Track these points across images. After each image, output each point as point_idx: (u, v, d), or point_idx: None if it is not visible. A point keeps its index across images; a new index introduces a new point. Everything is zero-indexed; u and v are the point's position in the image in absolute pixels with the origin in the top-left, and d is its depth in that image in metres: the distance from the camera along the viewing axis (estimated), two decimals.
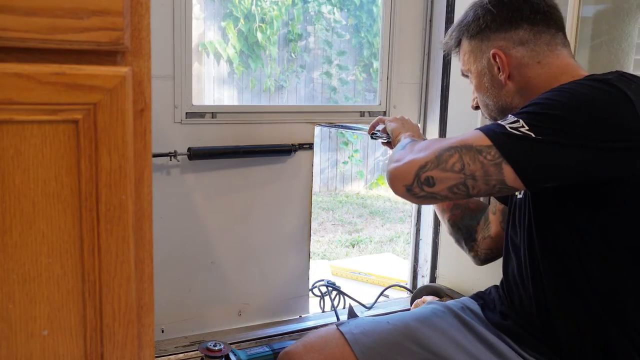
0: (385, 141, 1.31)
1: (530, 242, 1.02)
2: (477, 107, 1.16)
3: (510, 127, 0.87)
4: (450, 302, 1.22)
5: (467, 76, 1.15)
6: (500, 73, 1.05)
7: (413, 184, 0.91)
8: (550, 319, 1.00)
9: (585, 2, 1.35)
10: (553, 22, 1.05)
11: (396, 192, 0.94)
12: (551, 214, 0.98)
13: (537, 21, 1.03)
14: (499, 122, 0.90)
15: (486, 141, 0.88)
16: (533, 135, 0.85)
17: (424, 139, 1.10)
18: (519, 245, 1.07)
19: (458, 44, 1.14)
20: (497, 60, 1.05)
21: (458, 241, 1.33)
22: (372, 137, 1.35)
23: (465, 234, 1.31)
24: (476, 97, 1.14)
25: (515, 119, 0.88)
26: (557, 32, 1.05)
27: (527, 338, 1.04)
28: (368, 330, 1.12)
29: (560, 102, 0.88)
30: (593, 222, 0.93)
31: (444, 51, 1.22)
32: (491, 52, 1.05)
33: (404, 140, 1.09)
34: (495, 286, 1.21)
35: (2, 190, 0.52)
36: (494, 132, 0.88)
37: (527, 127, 0.86)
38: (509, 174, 0.86)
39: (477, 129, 0.92)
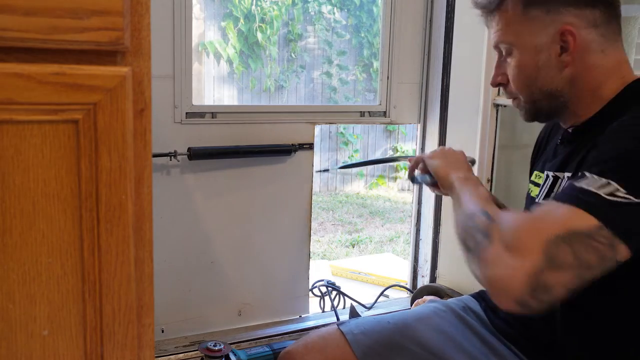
0: (431, 184, 1.10)
1: None
2: (498, 84, 0.99)
3: (605, 194, 0.72)
4: (451, 301, 1.21)
5: (500, 49, 0.95)
6: (565, 54, 0.89)
7: (525, 296, 0.72)
8: (556, 338, 0.96)
9: None
10: (619, 8, 0.92)
11: (503, 307, 0.75)
12: None
13: (611, 4, 0.90)
14: (583, 186, 0.74)
15: (591, 220, 0.72)
16: (636, 200, 0.72)
17: (474, 176, 0.98)
18: None
19: (501, 4, 0.92)
20: (568, 39, 0.88)
21: None
22: (413, 182, 1.16)
23: None
24: (503, 74, 0.96)
25: (604, 180, 0.73)
26: (619, 20, 0.92)
27: (531, 350, 1.02)
28: (368, 330, 1.11)
29: None
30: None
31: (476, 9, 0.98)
32: (560, 27, 0.88)
33: (461, 192, 0.93)
34: None
35: (2, 190, 0.52)
36: (594, 206, 0.72)
37: (624, 191, 0.72)
38: (622, 252, 0.72)
39: (557, 200, 0.76)
